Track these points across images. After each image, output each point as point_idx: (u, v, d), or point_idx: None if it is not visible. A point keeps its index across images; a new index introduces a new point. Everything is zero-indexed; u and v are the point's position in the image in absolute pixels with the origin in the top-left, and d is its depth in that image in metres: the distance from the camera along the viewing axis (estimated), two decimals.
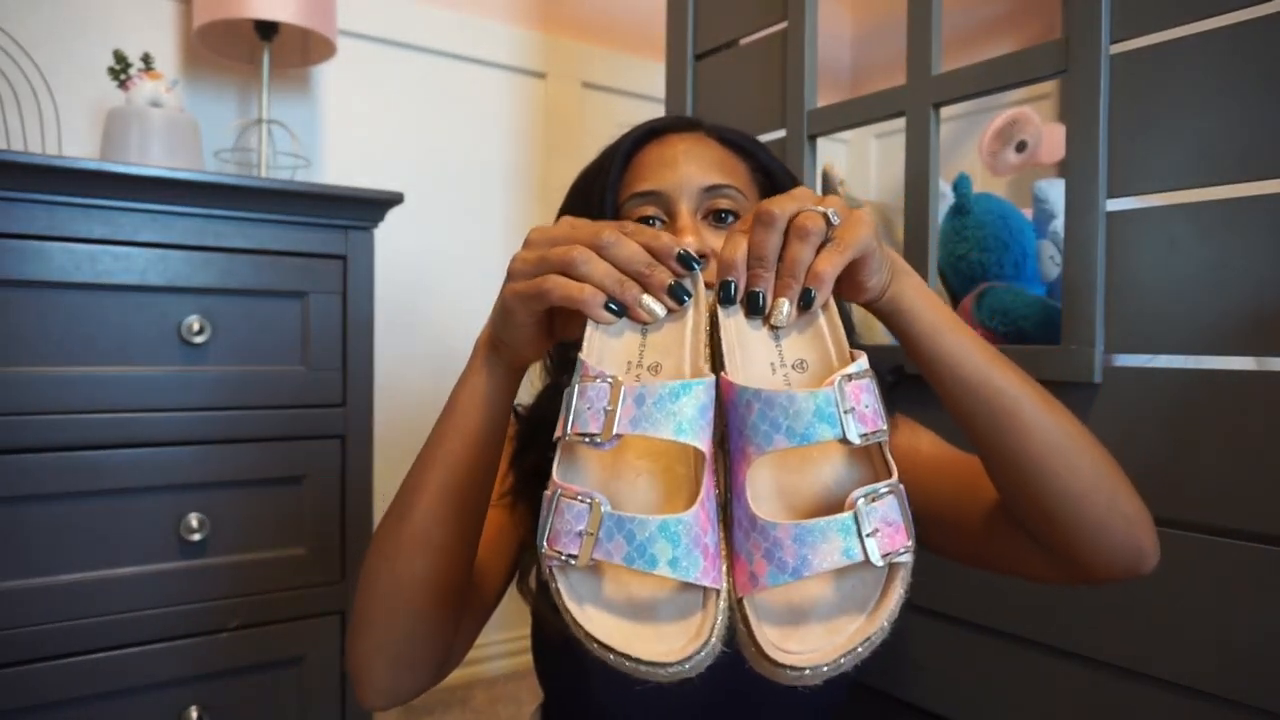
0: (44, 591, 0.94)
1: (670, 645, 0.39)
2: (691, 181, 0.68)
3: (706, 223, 0.69)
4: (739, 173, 0.72)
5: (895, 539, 0.39)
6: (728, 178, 0.70)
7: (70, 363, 0.95)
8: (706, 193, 0.69)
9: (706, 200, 0.69)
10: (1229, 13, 0.68)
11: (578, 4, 1.89)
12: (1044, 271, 1.11)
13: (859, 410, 0.42)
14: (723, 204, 0.69)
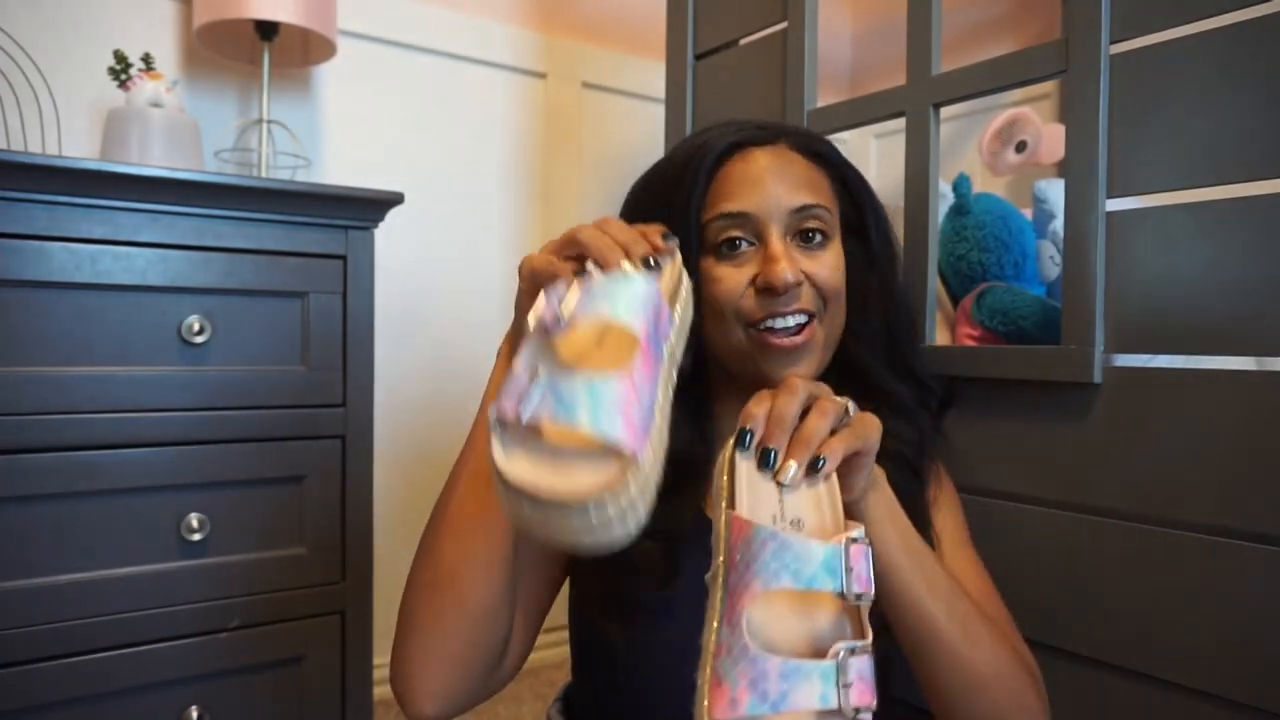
0: (44, 591, 0.94)
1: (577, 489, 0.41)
2: (780, 203, 0.67)
3: (795, 243, 0.68)
4: (823, 187, 0.70)
5: (865, 695, 0.44)
6: (815, 196, 0.68)
7: (70, 363, 0.95)
8: (795, 214, 0.67)
9: (795, 221, 0.67)
10: (1229, 13, 0.68)
11: (578, 4, 1.89)
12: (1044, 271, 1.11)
13: (856, 572, 0.46)
14: (810, 224, 0.68)
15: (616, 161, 1.93)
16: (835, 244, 0.70)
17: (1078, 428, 0.77)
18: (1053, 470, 0.79)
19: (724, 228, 0.67)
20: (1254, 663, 0.65)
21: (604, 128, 1.91)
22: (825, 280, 0.67)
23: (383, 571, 1.23)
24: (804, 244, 0.68)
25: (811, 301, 0.67)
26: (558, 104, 1.85)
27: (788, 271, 0.64)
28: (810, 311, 0.67)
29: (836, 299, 0.68)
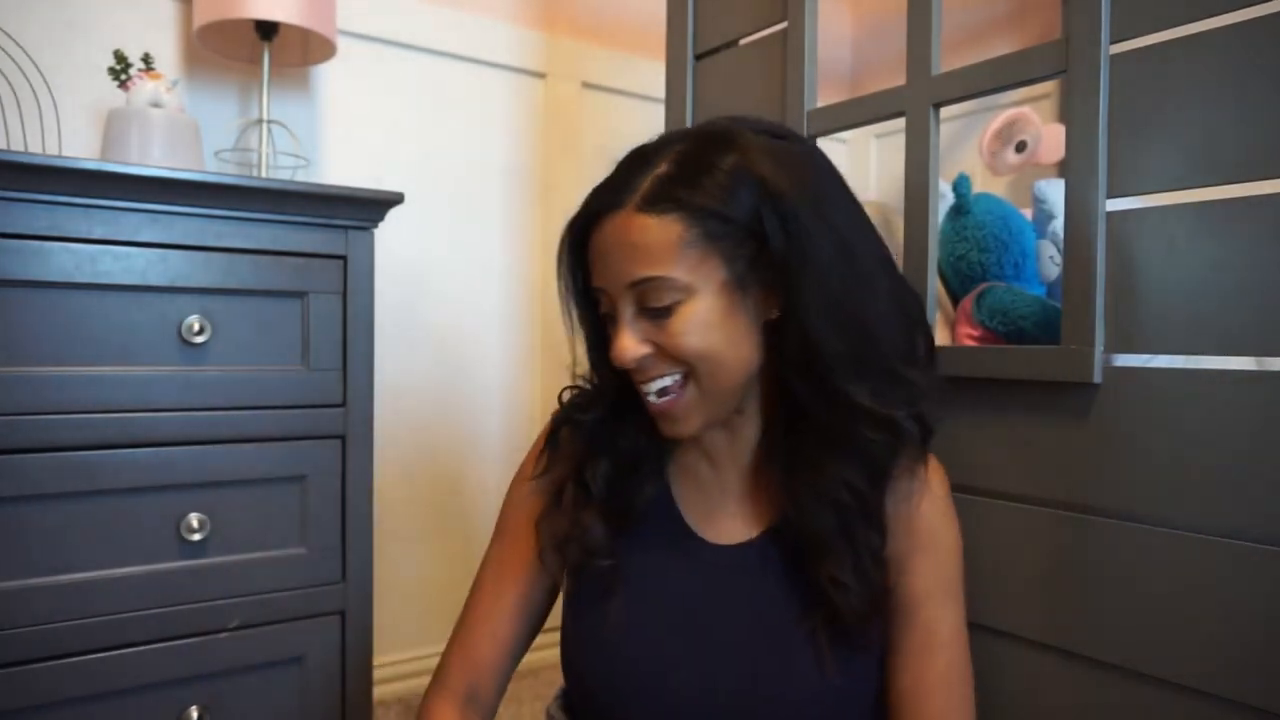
0: (44, 591, 0.94)
1: None
2: (620, 279, 0.65)
3: (645, 316, 0.66)
4: (668, 248, 0.64)
5: None
6: (651, 265, 0.64)
7: (70, 363, 0.95)
8: (632, 288, 0.65)
9: (635, 295, 0.65)
10: (1229, 13, 0.68)
11: (578, 4, 1.89)
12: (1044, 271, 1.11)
13: None
14: (649, 299, 0.65)
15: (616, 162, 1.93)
16: (694, 301, 0.64)
17: (1078, 428, 0.77)
18: (1053, 470, 0.79)
19: (599, 296, 0.69)
20: (1254, 663, 0.65)
21: (604, 128, 1.91)
22: (675, 348, 0.65)
23: (383, 571, 1.23)
24: (654, 319, 0.65)
25: (671, 367, 0.66)
26: (558, 104, 1.85)
27: (624, 353, 0.65)
28: (675, 374, 0.66)
29: (701, 359, 0.65)
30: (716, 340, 0.65)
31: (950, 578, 0.72)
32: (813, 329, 0.64)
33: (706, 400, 0.67)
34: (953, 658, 0.70)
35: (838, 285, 0.64)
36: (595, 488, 0.74)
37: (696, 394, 0.67)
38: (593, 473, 0.74)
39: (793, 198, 0.64)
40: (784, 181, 0.64)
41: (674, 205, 0.64)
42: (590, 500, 0.74)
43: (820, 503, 0.67)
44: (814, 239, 0.64)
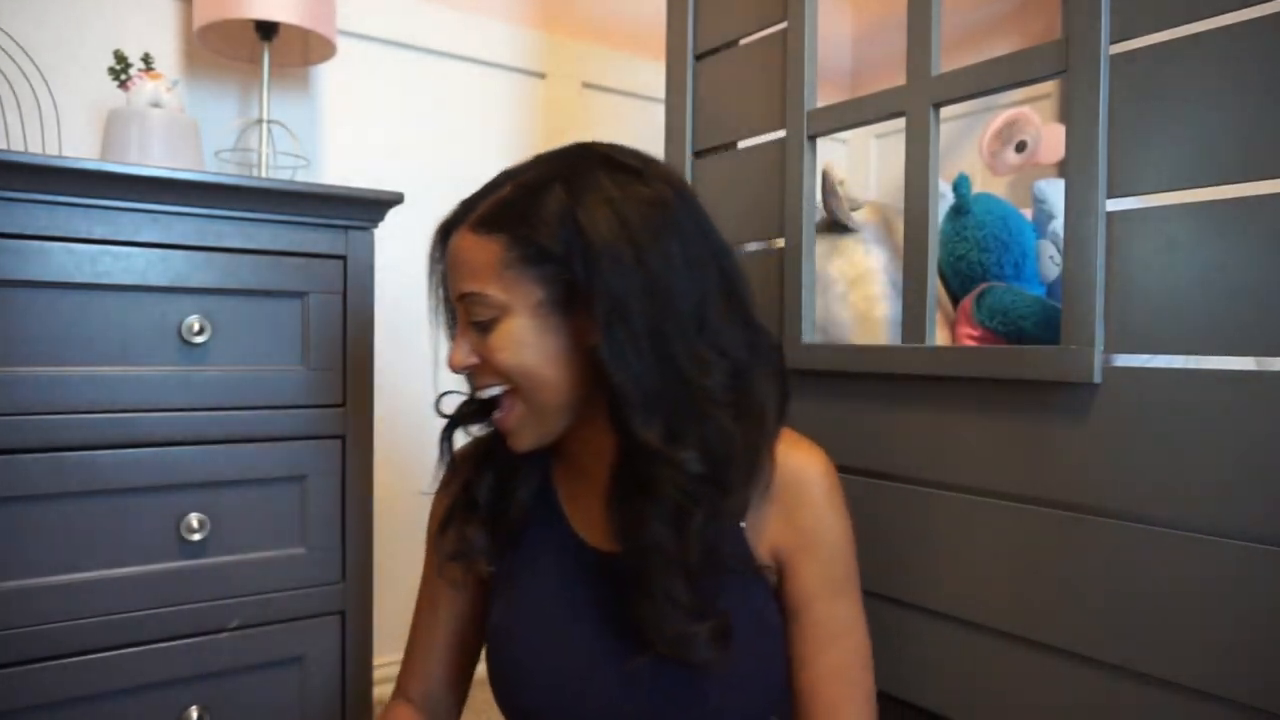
0: (44, 591, 0.94)
1: None
2: (454, 291, 0.72)
3: (473, 329, 0.71)
4: (488, 266, 0.68)
5: None
6: (473, 281, 0.69)
7: (70, 363, 0.95)
8: (460, 301, 0.71)
9: (466, 308, 0.70)
10: (1229, 13, 0.68)
11: (578, 4, 1.89)
12: (1044, 271, 1.11)
13: None
14: (475, 314, 0.69)
15: None
16: (508, 321, 0.68)
17: (1078, 428, 0.77)
18: (1053, 470, 0.79)
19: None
20: (1254, 663, 0.65)
21: (604, 128, 1.91)
22: (492, 361, 0.69)
23: (383, 571, 1.23)
24: (477, 329, 0.70)
25: (494, 379, 0.70)
26: (558, 104, 1.85)
27: (451, 360, 0.71)
28: (500, 385, 0.71)
29: (520, 376, 0.69)
30: (529, 358, 0.69)
31: (838, 574, 0.74)
32: (609, 365, 0.66)
33: (533, 416, 0.71)
34: (846, 650, 0.73)
35: (643, 329, 0.66)
36: (481, 499, 0.78)
37: (524, 410, 0.71)
38: (478, 484, 0.79)
39: (603, 245, 0.66)
40: (601, 227, 0.66)
41: (499, 229, 0.69)
42: (475, 512, 0.79)
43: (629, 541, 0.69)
44: (617, 284, 0.66)
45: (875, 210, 1.18)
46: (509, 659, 0.77)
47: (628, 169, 0.71)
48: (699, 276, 0.70)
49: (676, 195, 0.72)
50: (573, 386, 0.70)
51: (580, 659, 0.74)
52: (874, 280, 1.09)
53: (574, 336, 0.69)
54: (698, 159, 1.22)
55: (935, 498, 0.89)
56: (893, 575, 0.93)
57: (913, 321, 0.91)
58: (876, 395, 0.95)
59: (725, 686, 0.70)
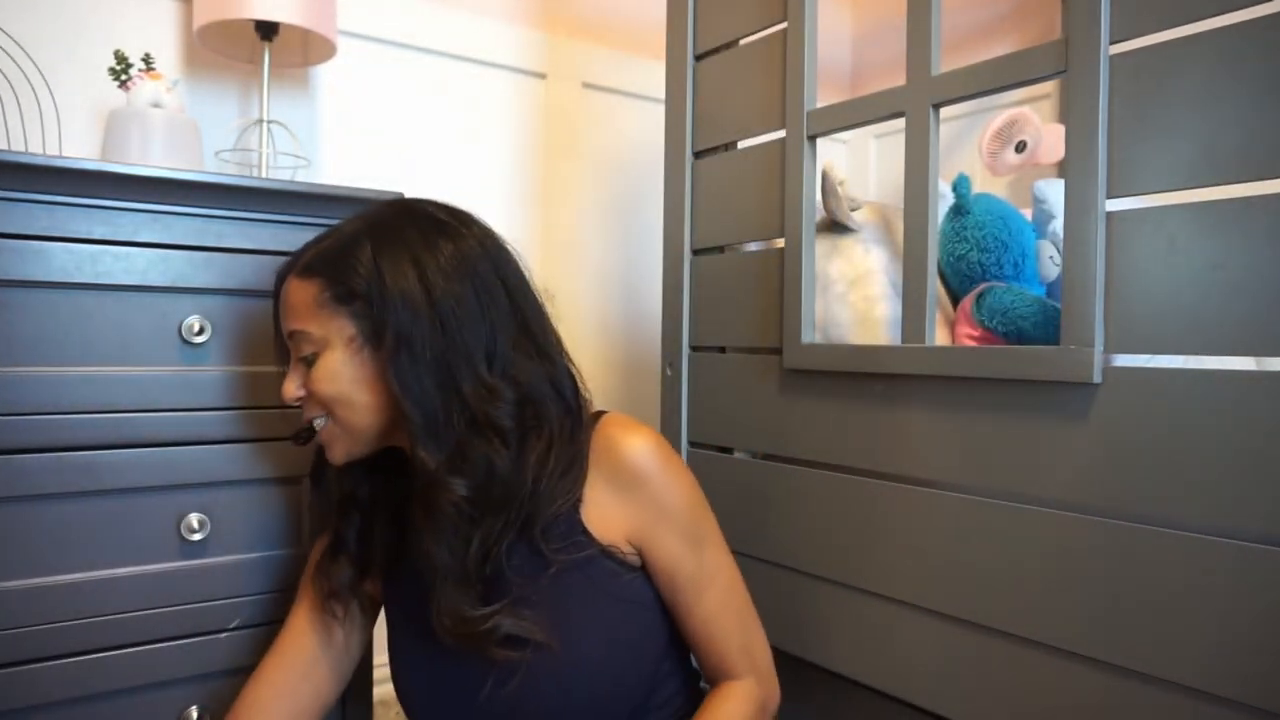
0: (44, 591, 0.94)
1: None
2: (285, 330, 0.82)
3: (301, 364, 0.81)
4: (307, 306, 0.79)
5: None
6: (297, 320, 0.80)
7: (70, 363, 0.95)
8: (290, 338, 0.81)
9: (294, 346, 0.81)
10: (1229, 13, 0.68)
11: (578, 4, 1.89)
12: (1044, 271, 1.11)
13: None
14: (299, 349, 0.80)
15: (616, 161, 1.93)
16: (328, 354, 0.78)
17: (1078, 428, 0.77)
18: (1053, 470, 0.79)
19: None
20: (1254, 663, 0.65)
21: (604, 128, 1.91)
22: (314, 391, 0.79)
23: None
24: (304, 364, 0.80)
25: (319, 408, 0.81)
26: (558, 104, 1.85)
27: (284, 392, 0.82)
28: (316, 424, 0.82)
29: (335, 403, 0.79)
30: (342, 387, 0.78)
31: (693, 532, 0.82)
32: (399, 392, 0.75)
33: (346, 435, 0.81)
34: (720, 589, 0.82)
35: (430, 362, 0.75)
36: (347, 539, 0.88)
37: (337, 430, 0.81)
38: (344, 527, 0.88)
39: (396, 287, 0.76)
40: (397, 272, 0.76)
41: (317, 273, 0.79)
42: (344, 551, 0.88)
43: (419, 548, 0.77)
44: (405, 320, 0.75)
45: (875, 210, 1.18)
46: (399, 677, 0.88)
47: (437, 223, 0.81)
48: (491, 316, 0.78)
49: (479, 246, 0.81)
50: (379, 411, 0.79)
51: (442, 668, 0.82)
52: (874, 280, 1.09)
53: (380, 368, 0.77)
54: (698, 159, 1.22)
55: (935, 497, 0.89)
56: (891, 574, 0.93)
57: (913, 321, 0.91)
58: (876, 395, 0.95)
59: (592, 669, 0.78)
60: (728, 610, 0.83)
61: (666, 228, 1.25)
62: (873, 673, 0.96)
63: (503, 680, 0.77)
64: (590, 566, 0.79)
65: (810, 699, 1.07)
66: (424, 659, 0.85)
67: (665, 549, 0.81)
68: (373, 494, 0.88)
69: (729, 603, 0.83)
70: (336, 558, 0.88)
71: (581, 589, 0.79)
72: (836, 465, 1.00)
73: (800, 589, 1.04)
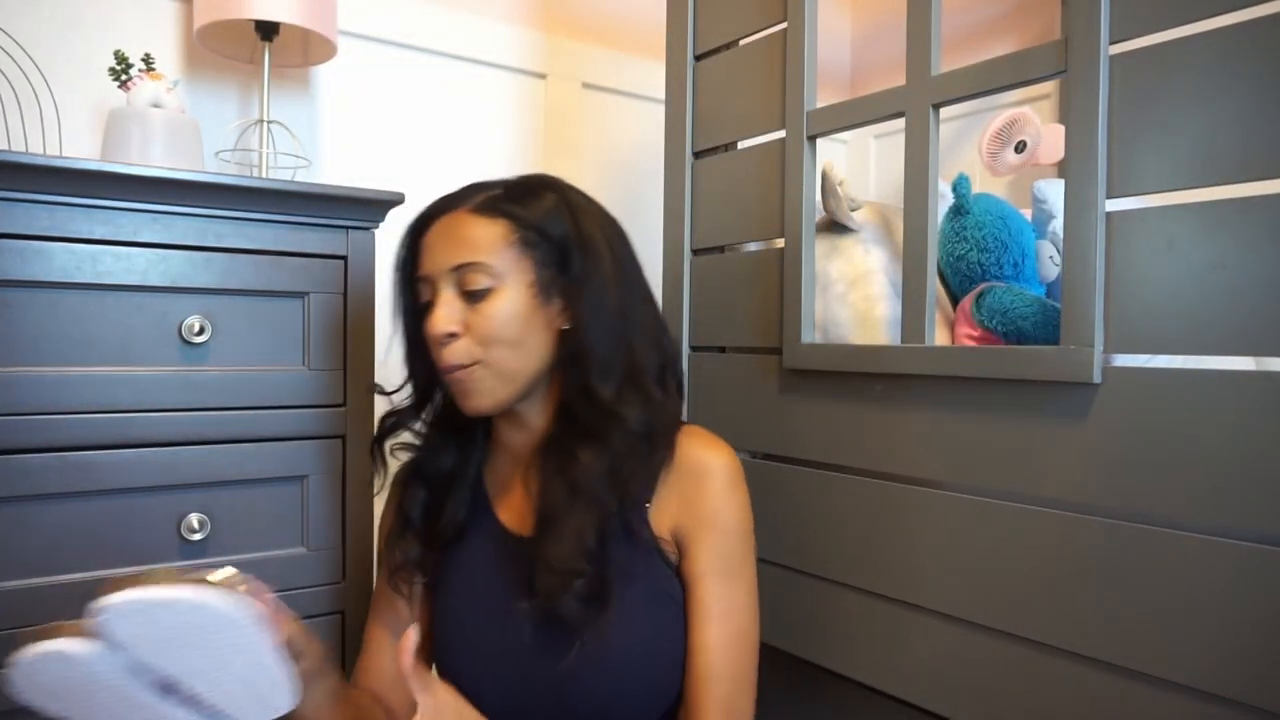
0: (44, 591, 0.94)
1: None
2: (443, 263, 0.79)
3: (464, 298, 0.79)
4: (490, 242, 0.79)
5: None
6: (476, 253, 0.78)
7: (70, 363, 0.95)
8: (454, 271, 0.79)
9: (459, 278, 0.79)
10: (1229, 13, 0.68)
11: (578, 4, 1.89)
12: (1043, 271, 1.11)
13: None
14: (470, 282, 0.78)
15: (616, 161, 1.93)
16: (503, 292, 0.78)
17: (1078, 428, 0.77)
18: (1053, 470, 0.79)
19: (419, 289, 0.82)
20: (1254, 663, 0.66)
21: (604, 128, 1.91)
22: (483, 328, 0.78)
23: None
24: (471, 301, 0.79)
25: (467, 351, 0.78)
26: (558, 104, 1.85)
27: (437, 323, 0.78)
28: (465, 363, 0.79)
29: (500, 342, 0.78)
30: (515, 329, 0.79)
31: (731, 556, 0.82)
32: (588, 339, 0.79)
33: (497, 380, 0.79)
34: (727, 631, 0.80)
35: (613, 310, 0.81)
36: (413, 516, 0.87)
37: (487, 374, 0.79)
38: (410, 502, 0.88)
39: (593, 236, 0.81)
40: (588, 223, 0.82)
41: (501, 214, 0.80)
42: (411, 528, 0.87)
43: (557, 480, 0.79)
44: (602, 272, 0.81)
45: (875, 210, 1.18)
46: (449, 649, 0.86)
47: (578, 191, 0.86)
48: (639, 277, 0.86)
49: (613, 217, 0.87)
50: (539, 359, 0.81)
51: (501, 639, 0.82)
52: (874, 280, 1.09)
53: (547, 318, 0.80)
54: (698, 159, 1.22)
55: (935, 497, 0.89)
56: (891, 574, 0.93)
57: (912, 321, 0.91)
58: (876, 395, 0.95)
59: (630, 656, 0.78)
60: (725, 654, 0.79)
61: (666, 228, 1.25)
62: (872, 672, 0.96)
63: (560, 652, 0.77)
64: (649, 559, 0.81)
65: (810, 699, 1.07)
66: (486, 628, 0.83)
67: (698, 558, 0.80)
68: (453, 467, 0.88)
69: (730, 648, 0.80)
70: (404, 534, 0.88)
71: (640, 578, 0.80)
72: (836, 465, 1.00)
73: (800, 589, 1.04)
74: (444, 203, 0.83)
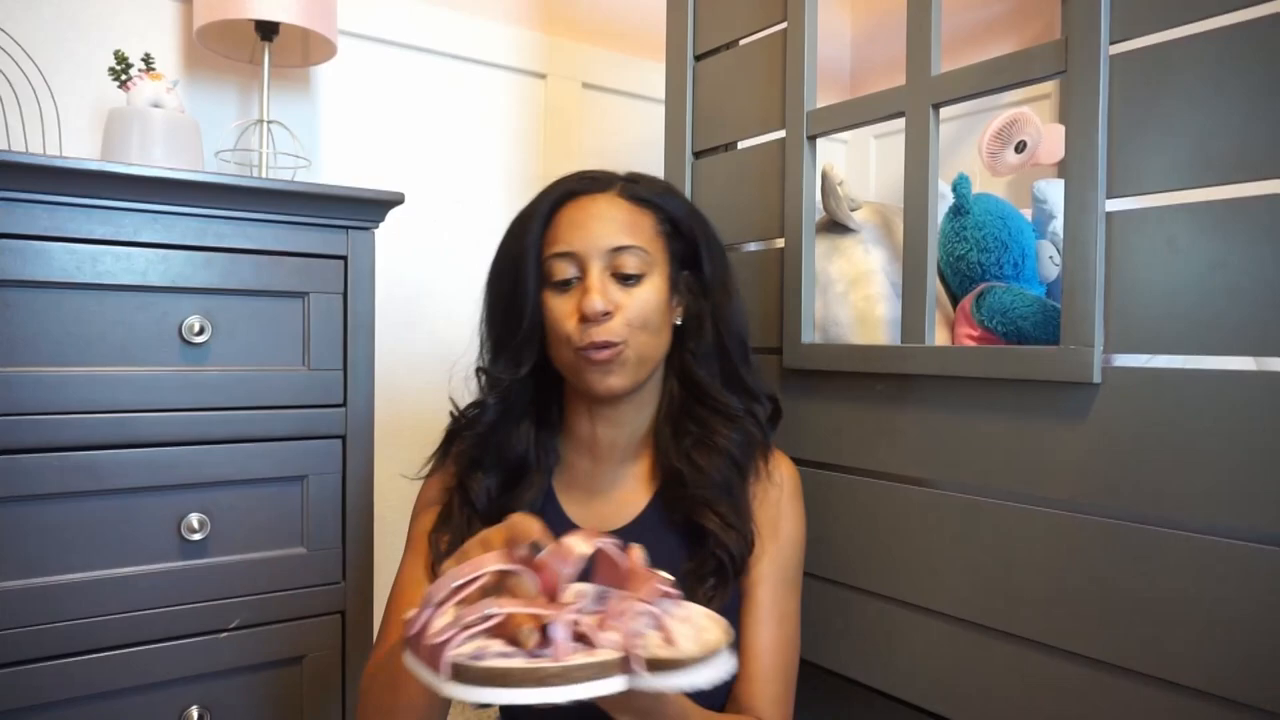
0: (44, 591, 0.94)
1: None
2: (600, 242, 0.79)
3: (614, 280, 0.79)
4: (644, 230, 0.82)
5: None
6: (632, 238, 0.80)
7: (71, 363, 0.95)
8: (612, 253, 0.79)
9: (612, 259, 0.79)
10: (1229, 13, 0.68)
11: (578, 4, 1.89)
12: (1043, 272, 1.11)
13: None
14: (626, 265, 0.79)
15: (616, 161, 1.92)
16: (652, 280, 0.81)
17: (1078, 428, 0.77)
18: (1053, 470, 0.79)
19: (556, 263, 0.81)
20: (1254, 663, 0.66)
21: (604, 128, 1.91)
22: (634, 311, 0.79)
23: (383, 571, 1.23)
24: (623, 283, 0.80)
25: (617, 331, 0.78)
26: (558, 104, 1.85)
27: (598, 301, 0.77)
28: (615, 342, 0.79)
29: (647, 327, 0.80)
30: (658, 317, 0.81)
31: (787, 566, 0.84)
32: (722, 337, 0.84)
33: (638, 363, 0.81)
34: (777, 636, 0.81)
35: (736, 315, 0.86)
36: (479, 501, 0.83)
37: (631, 355, 0.80)
38: (476, 486, 0.84)
39: (718, 244, 0.87)
40: (712, 229, 0.87)
41: (649, 205, 0.83)
42: (475, 512, 0.83)
43: (714, 457, 0.82)
44: (730, 279, 0.86)
45: (875, 210, 1.18)
46: None
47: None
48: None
49: None
50: (663, 350, 0.84)
51: None
52: (874, 280, 1.09)
53: (671, 312, 0.84)
54: (698, 159, 1.22)
55: (935, 497, 0.89)
56: (891, 575, 0.93)
57: (912, 321, 0.91)
58: (876, 395, 0.95)
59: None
60: (778, 657, 0.81)
61: None
62: (872, 672, 0.96)
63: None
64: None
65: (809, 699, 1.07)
66: None
67: (758, 564, 0.81)
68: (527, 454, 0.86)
69: (783, 651, 0.82)
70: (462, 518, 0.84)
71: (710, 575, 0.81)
72: (836, 465, 1.00)
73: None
74: (588, 183, 0.84)
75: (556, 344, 0.81)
